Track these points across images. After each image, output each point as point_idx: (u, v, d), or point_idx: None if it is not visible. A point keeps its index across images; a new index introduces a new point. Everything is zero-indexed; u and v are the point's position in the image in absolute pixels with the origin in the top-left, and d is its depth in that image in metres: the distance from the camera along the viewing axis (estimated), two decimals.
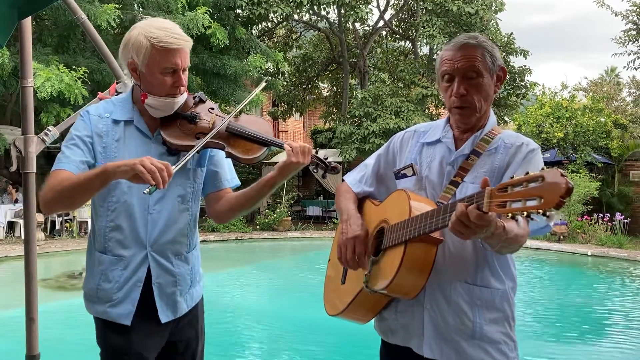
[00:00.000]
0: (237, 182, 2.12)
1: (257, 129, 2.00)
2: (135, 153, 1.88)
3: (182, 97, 1.95)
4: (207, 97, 2.08)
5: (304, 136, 29.73)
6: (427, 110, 18.37)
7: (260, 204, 2.00)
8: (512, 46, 19.09)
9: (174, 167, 1.73)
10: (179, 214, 1.96)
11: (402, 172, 1.91)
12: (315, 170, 2.04)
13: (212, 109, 2.04)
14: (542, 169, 1.26)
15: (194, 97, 2.04)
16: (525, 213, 1.25)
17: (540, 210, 1.22)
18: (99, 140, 1.89)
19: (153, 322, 1.94)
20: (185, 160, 1.85)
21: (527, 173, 1.27)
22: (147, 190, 1.66)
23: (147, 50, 1.82)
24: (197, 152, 1.90)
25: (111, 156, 1.88)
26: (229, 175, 2.11)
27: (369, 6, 18.92)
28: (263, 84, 2.24)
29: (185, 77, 1.92)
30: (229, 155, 1.97)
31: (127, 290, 1.91)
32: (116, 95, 2.82)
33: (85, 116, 1.92)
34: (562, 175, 1.20)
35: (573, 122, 16.22)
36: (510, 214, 1.28)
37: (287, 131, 29.25)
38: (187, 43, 1.89)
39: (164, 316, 1.95)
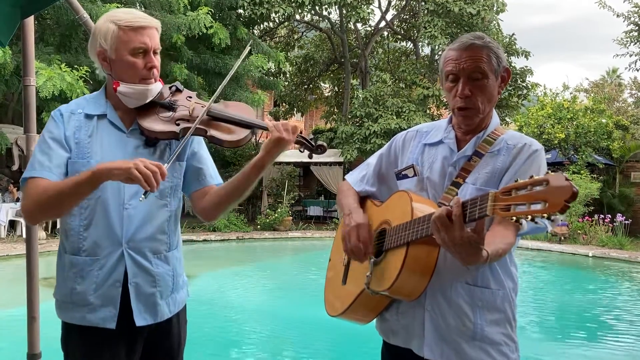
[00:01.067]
0: (221, 181, 2.05)
1: (238, 112, 1.95)
2: (109, 148, 1.85)
3: (157, 86, 1.89)
4: (183, 87, 2.03)
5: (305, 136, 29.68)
6: (428, 111, 18.38)
7: (247, 194, 1.89)
8: (514, 47, 19.10)
9: (166, 164, 1.70)
10: (157, 210, 1.89)
11: (403, 172, 1.91)
12: (301, 150, 1.99)
13: (190, 97, 1.99)
14: (547, 172, 1.26)
15: (170, 87, 1.99)
16: (529, 217, 1.24)
17: (545, 214, 1.22)
18: (72, 137, 1.84)
19: (128, 327, 1.85)
20: (178, 150, 1.82)
21: (531, 177, 1.27)
22: (142, 197, 1.64)
23: (114, 33, 1.80)
24: (186, 139, 1.85)
25: (84, 152, 1.82)
26: (213, 172, 2.05)
27: (371, 6, 18.95)
28: (247, 49, 2.16)
29: (157, 60, 1.87)
30: (211, 139, 1.90)
31: (105, 292, 1.82)
32: None
33: (56, 115, 1.87)
34: (567, 179, 1.20)
35: (574, 123, 16.21)
36: (514, 218, 1.28)
37: None
38: (153, 22, 1.85)
39: (141, 319, 1.85)
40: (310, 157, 2.01)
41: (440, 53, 18.10)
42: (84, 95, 2.02)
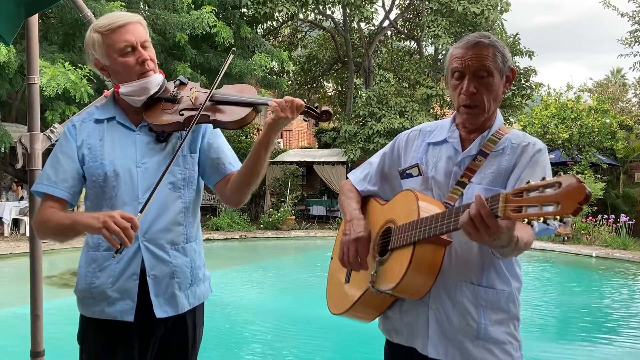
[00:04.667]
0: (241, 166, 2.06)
1: (240, 93, 1.97)
2: (120, 147, 1.90)
3: (156, 77, 1.92)
4: (187, 80, 2.06)
5: (308, 135, 29.75)
6: (431, 110, 18.35)
7: (264, 170, 1.96)
8: (518, 47, 19.05)
9: (139, 215, 1.72)
10: (171, 202, 1.92)
11: (407, 171, 1.90)
12: (306, 119, 1.98)
13: (192, 88, 2.02)
14: (559, 174, 1.26)
15: (174, 82, 2.03)
16: (541, 219, 1.24)
17: (558, 216, 1.21)
18: (84, 144, 1.90)
19: (146, 320, 1.88)
20: (182, 143, 1.86)
21: (543, 178, 1.27)
22: (115, 254, 1.70)
23: (98, 40, 1.85)
24: (192, 130, 1.89)
25: (97, 155, 1.88)
26: (232, 160, 2.07)
27: (374, 6, 18.93)
28: (231, 56, 2.17)
29: (149, 52, 1.90)
30: (215, 124, 1.93)
31: (122, 285, 1.85)
32: None
33: (69, 129, 1.93)
34: (579, 181, 1.19)
35: (578, 123, 16.15)
36: (526, 219, 1.28)
37: (291, 130, 29.25)
38: (132, 17, 1.88)
39: (161, 311, 1.88)
40: (316, 125, 2.00)
41: (444, 52, 18.08)
42: (95, 105, 2.08)
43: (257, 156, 1.92)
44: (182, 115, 1.91)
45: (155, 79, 1.92)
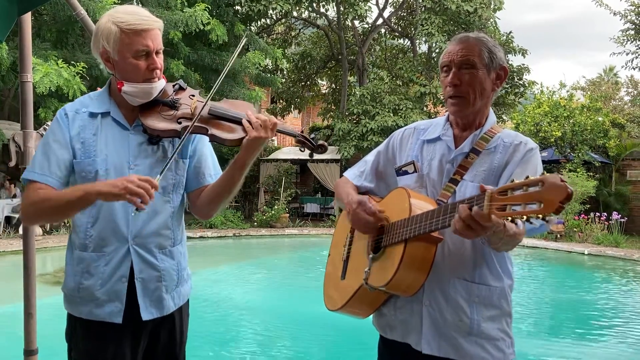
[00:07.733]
0: None
1: (240, 110, 1.95)
2: (113, 145, 1.87)
3: (160, 83, 1.90)
4: (187, 85, 2.04)
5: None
6: (425, 108, 18.38)
7: (237, 189, 1.96)
8: (511, 45, 19.10)
9: (158, 177, 1.73)
10: (160, 206, 1.91)
11: (403, 168, 1.93)
12: (302, 149, 1.99)
13: (193, 95, 2.00)
14: (543, 173, 1.28)
15: (174, 85, 2.00)
16: (524, 217, 1.26)
17: (540, 215, 1.23)
18: (77, 137, 1.86)
19: (134, 321, 1.89)
20: (175, 152, 1.84)
21: (527, 177, 1.29)
22: (135, 212, 1.70)
23: (116, 35, 1.80)
24: (184, 138, 1.86)
25: (90, 151, 1.85)
26: (213, 171, 2.06)
27: (368, 4, 18.92)
28: (244, 40, 2.13)
29: (160, 60, 1.88)
30: (212, 138, 1.91)
31: (111, 287, 1.85)
32: None
33: (61, 116, 1.89)
34: (562, 180, 1.22)
35: (571, 121, 16.23)
36: (510, 218, 1.30)
37: None
38: (155, 23, 1.86)
39: (148, 313, 1.89)
40: (311, 156, 2.02)
41: (437, 50, 18.10)
42: (88, 94, 2.02)
43: (231, 175, 1.91)
44: (180, 123, 1.89)
45: (159, 85, 1.91)
